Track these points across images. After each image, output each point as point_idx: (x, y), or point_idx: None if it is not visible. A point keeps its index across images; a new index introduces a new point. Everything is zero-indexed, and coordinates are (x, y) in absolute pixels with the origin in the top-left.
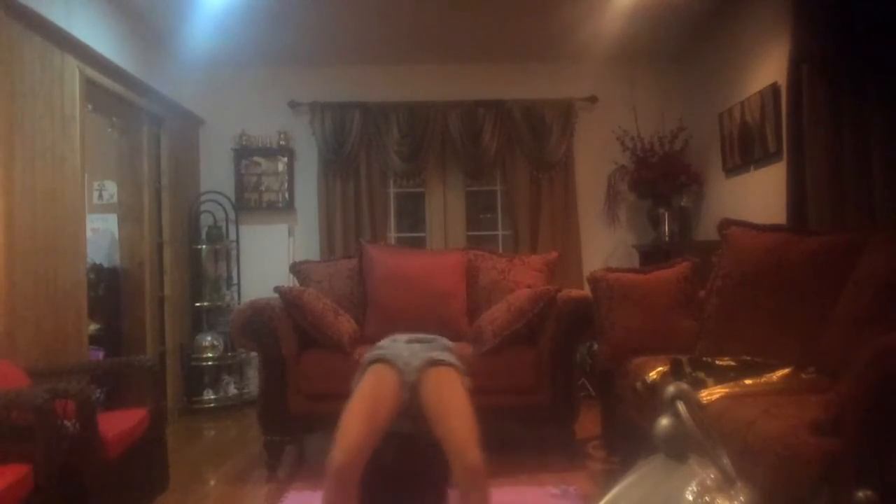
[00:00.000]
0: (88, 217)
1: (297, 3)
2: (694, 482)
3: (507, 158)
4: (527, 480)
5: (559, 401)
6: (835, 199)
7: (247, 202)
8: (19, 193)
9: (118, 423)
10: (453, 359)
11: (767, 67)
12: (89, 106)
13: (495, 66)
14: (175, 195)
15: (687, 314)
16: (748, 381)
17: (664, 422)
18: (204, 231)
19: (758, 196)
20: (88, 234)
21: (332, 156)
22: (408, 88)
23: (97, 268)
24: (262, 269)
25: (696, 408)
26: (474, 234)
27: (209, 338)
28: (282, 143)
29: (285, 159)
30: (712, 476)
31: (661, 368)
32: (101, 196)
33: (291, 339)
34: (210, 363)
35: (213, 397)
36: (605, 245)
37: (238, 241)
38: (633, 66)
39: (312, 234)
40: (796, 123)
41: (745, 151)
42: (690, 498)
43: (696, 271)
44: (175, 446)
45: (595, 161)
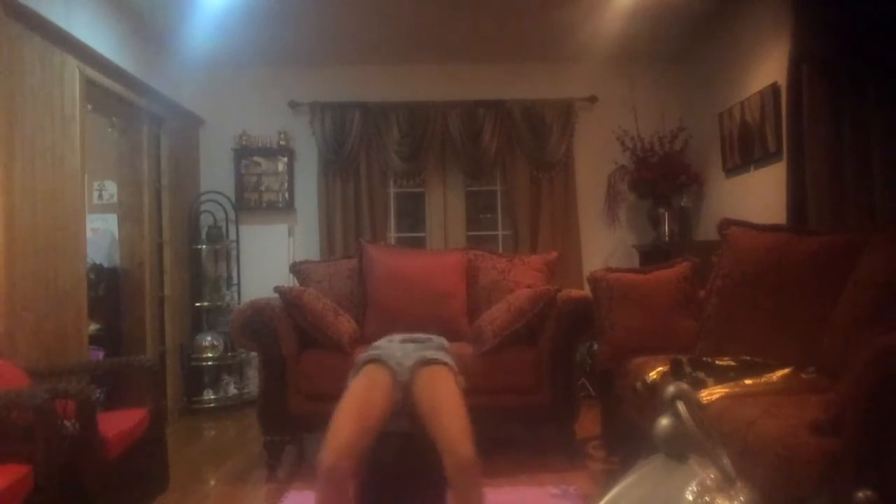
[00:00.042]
0: (88, 217)
1: (297, 3)
2: (694, 482)
3: (507, 158)
4: (527, 480)
5: (559, 401)
6: (835, 199)
7: (247, 202)
8: (19, 193)
9: (118, 423)
10: (447, 357)
11: (767, 67)
12: (89, 106)
13: (495, 66)
14: (175, 195)
15: (687, 314)
16: (748, 381)
17: (664, 422)
18: (204, 231)
19: (758, 196)
20: (88, 234)
21: (332, 156)
22: (408, 88)
23: (97, 268)
24: (262, 269)
25: (696, 408)
26: (474, 234)
27: (209, 338)
28: (282, 143)
29: (285, 159)
30: (712, 476)
31: (661, 368)
32: (101, 196)
33: (291, 339)
34: (210, 363)
35: (213, 397)
36: (605, 245)
37: (238, 241)
38: (633, 66)
39: (312, 234)
40: (796, 123)
41: (745, 151)
42: (690, 498)
43: (696, 271)
44: (175, 446)
45: (595, 161)
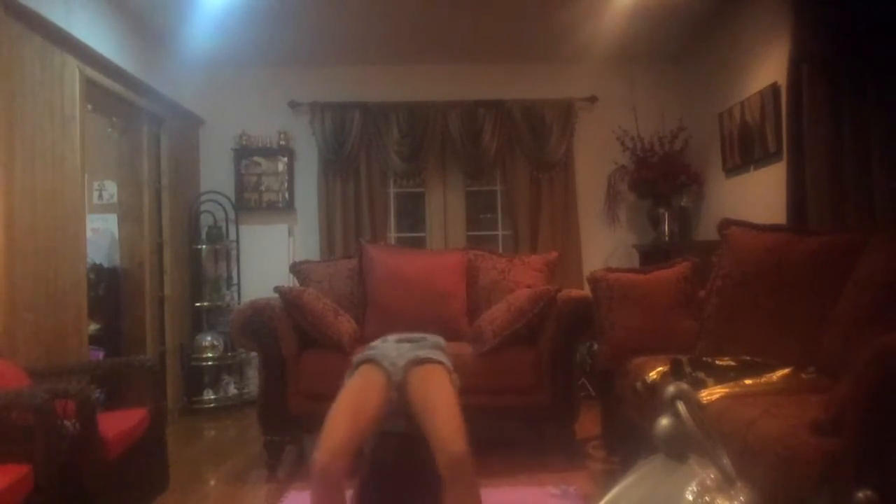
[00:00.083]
0: (88, 217)
1: (297, 3)
2: (694, 482)
3: (507, 158)
4: (527, 480)
5: (559, 401)
6: (835, 199)
7: (247, 202)
8: (19, 193)
9: (118, 423)
10: (441, 356)
11: (767, 67)
12: (89, 106)
13: (495, 66)
14: (175, 195)
15: (687, 314)
16: (748, 381)
17: (664, 422)
18: (204, 231)
19: (758, 196)
20: (88, 234)
21: (332, 156)
22: (408, 88)
23: (97, 268)
24: (262, 269)
25: (696, 408)
26: (474, 234)
27: (209, 338)
28: (282, 143)
29: (285, 159)
30: (712, 476)
31: (661, 368)
32: (101, 196)
33: (291, 339)
34: (210, 363)
35: (213, 397)
36: (605, 245)
37: (238, 241)
38: (633, 66)
39: (312, 234)
40: (796, 123)
41: (745, 151)
42: (690, 498)
43: (696, 271)
44: (175, 446)
45: (595, 161)
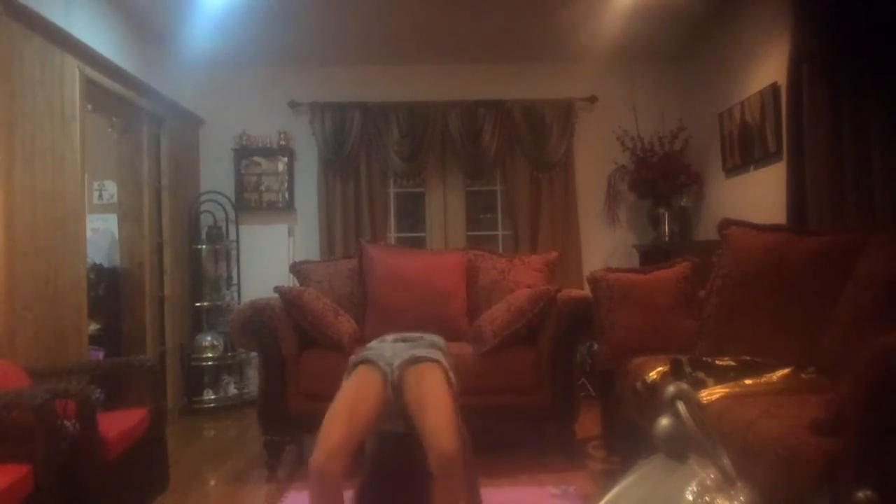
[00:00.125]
0: (88, 217)
1: (297, 3)
2: (694, 482)
3: (507, 158)
4: (527, 480)
5: (559, 401)
6: (835, 199)
7: (247, 202)
8: (19, 193)
9: (118, 423)
10: (436, 354)
11: (767, 67)
12: (89, 106)
13: (495, 66)
14: (175, 195)
15: (687, 314)
16: (748, 381)
17: (664, 422)
18: (204, 231)
19: (758, 196)
20: (88, 234)
21: (332, 156)
22: (408, 88)
23: (97, 268)
24: (262, 269)
25: (696, 408)
26: (474, 234)
27: (209, 338)
28: (282, 143)
29: (285, 159)
30: (712, 476)
31: (661, 368)
32: (101, 196)
33: (291, 339)
34: (210, 363)
35: (213, 397)
36: (605, 245)
37: (238, 241)
38: (633, 66)
39: (312, 234)
40: (796, 123)
41: (745, 151)
42: (690, 498)
43: (696, 271)
44: (175, 446)
45: (595, 161)
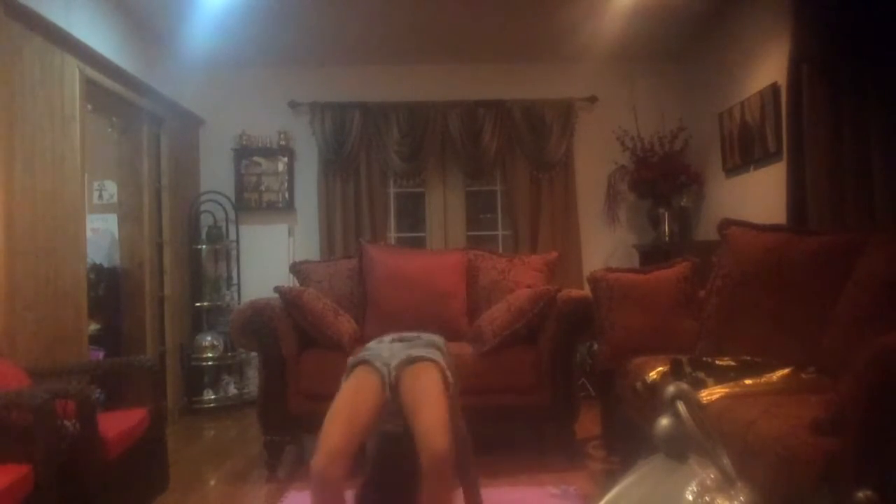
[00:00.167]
0: (88, 217)
1: (297, 3)
2: (694, 482)
3: (507, 158)
4: (527, 480)
5: (559, 401)
6: (835, 199)
7: (247, 202)
8: (19, 193)
9: (118, 423)
10: (434, 354)
11: (767, 67)
12: (89, 106)
13: (495, 66)
14: (175, 195)
15: (687, 314)
16: (748, 381)
17: (664, 422)
18: (204, 231)
19: (758, 196)
20: (88, 234)
21: (332, 156)
22: (408, 88)
23: (97, 268)
24: (262, 269)
25: (696, 408)
26: (474, 234)
27: (209, 338)
28: (282, 143)
29: (285, 159)
30: (712, 476)
31: (661, 368)
32: (101, 196)
33: (291, 339)
34: (210, 363)
35: (213, 397)
36: (605, 245)
37: (238, 241)
38: (633, 66)
39: (312, 234)
40: (796, 123)
41: (745, 151)
42: (690, 498)
43: (696, 271)
44: (175, 446)
45: (595, 161)
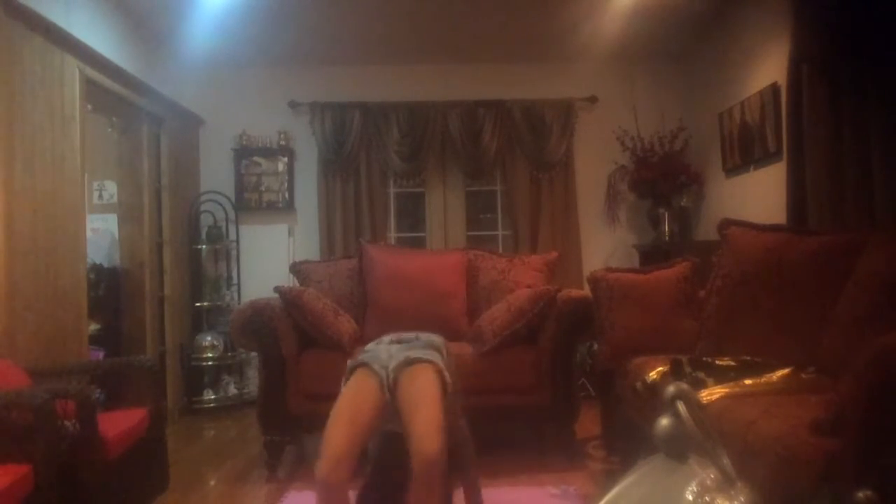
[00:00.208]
0: (88, 217)
1: (297, 3)
2: (694, 482)
3: (507, 158)
4: (527, 480)
5: (559, 401)
6: (835, 199)
7: (247, 202)
8: (19, 193)
9: (118, 423)
10: (432, 355)
11: (767, 67)
12: (89, 106)
13: (495, 66)
14: (175, 195)
15: (687, 314)
16: (748, 381)
17: (664, 422)
18: (204, 231)
19: (758, 196)
20: (88, 234)
21: (332, 156)
22: (408, 88)
23: (97, 268)
24: (262, 269)
25: (696, 408)
26: (474, 234)
27: (209, 338)
28: (282, 143)
29: (285, 159)
30: (712, 476)
31: (661, 368)
32: (101, 196)
33: (291, 339)
34: (210, 363)
35: (213, 397)
36: (605, 245)
37: (238, 241)
38: (633, 66)
39: (312, 234)
40: (796, 123)
41: (745, 151)
42: (690, 498)
43: (696, 271)
44: (175, 446)
45: (595, 161)
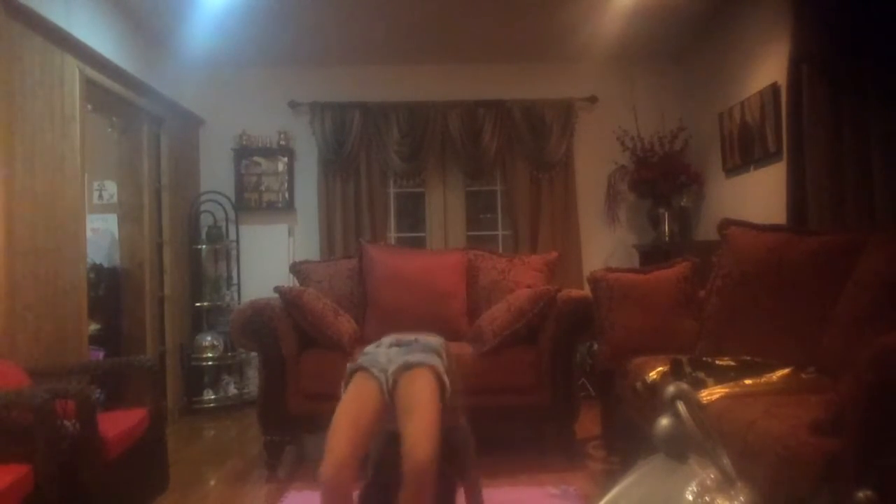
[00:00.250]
0: (88, 217)
1: (297, 3)
2: (694, 482)
3: (507, 158)
4: (527, 480)
5: (559, 401)
6: (835, 199)
7: (247, 202)
8: (19, 193)
9: (118, 423)
10: (431, 359)
11: (767, 67)
12: (89, 106)
13: (495, 66)
14: (175, 195)
15: (687, 314)
16: (748, 381)
17: (664, 422)
18: (204, 231)
19: (758, 196)
20: (88, 234)
21: (332, 156)
22: (408, 88)
23: (97, 268)
24: (262, 269)
25: (696, 408)
26: (474, 234)
27: (209, 338)
28: (282, 143)
29: (285, 159)
30: (712, 476)
31: (661, 368)
32: (101, 196)
33: (291, 339)
34: (210, 363)
35: (213, 397)
36: (605, 245)
37: (238, 241)
38: (633, 66)
39: (312, 234)
40: (796, 123)
41: (745, 151)
42: (690, 498)
43: (696, 271)
44: (175, 446)
45: (595, 161)
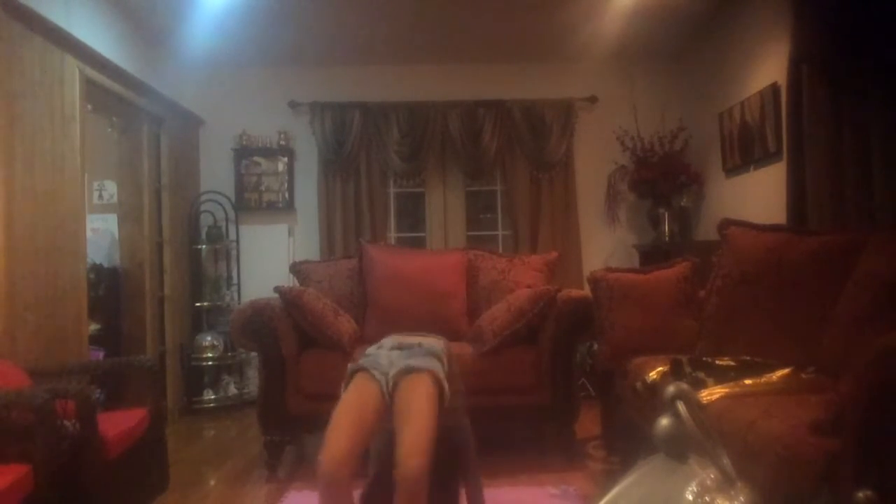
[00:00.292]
0: (88, 217)
1: (297, 3)
2: (694, 482)
3: (507, 158)
4: (527, 480)
5: (559, 401)
6: (835, 199)
7: (247, 202)
8: (19, 193)
9: (118, 423)
10: (432, 363)
11: (767, 67)
12: (89, 106)
13: (495, 66)
14: (175, 195)
15: (687, 314)
16: (748, 381)
17: (664, 422)
18: (204, 231)
19: (758, 196)
20: (88, 234)
21: (332, 156)
22: (408, 88)
23: (97, 268)
24: (262, 269)
25: (696, 408)
26: (474, 234)
27: (209, 338)
28: (282, 143)
29: (285, 159)
30: (712, 476)
31: (661, 368)
32: (101, 196)
33: (291, 339)
34: (210, 363)
35: (213, 397)
36: (605, 245)
37: (238, 241)
38: (633, 66)
39: (312, 234)
40: (796, 123)
41: (745, 151)
42: (690, 498)
43: (696, 271)
44: (175, 446)
45: (595, 161)
